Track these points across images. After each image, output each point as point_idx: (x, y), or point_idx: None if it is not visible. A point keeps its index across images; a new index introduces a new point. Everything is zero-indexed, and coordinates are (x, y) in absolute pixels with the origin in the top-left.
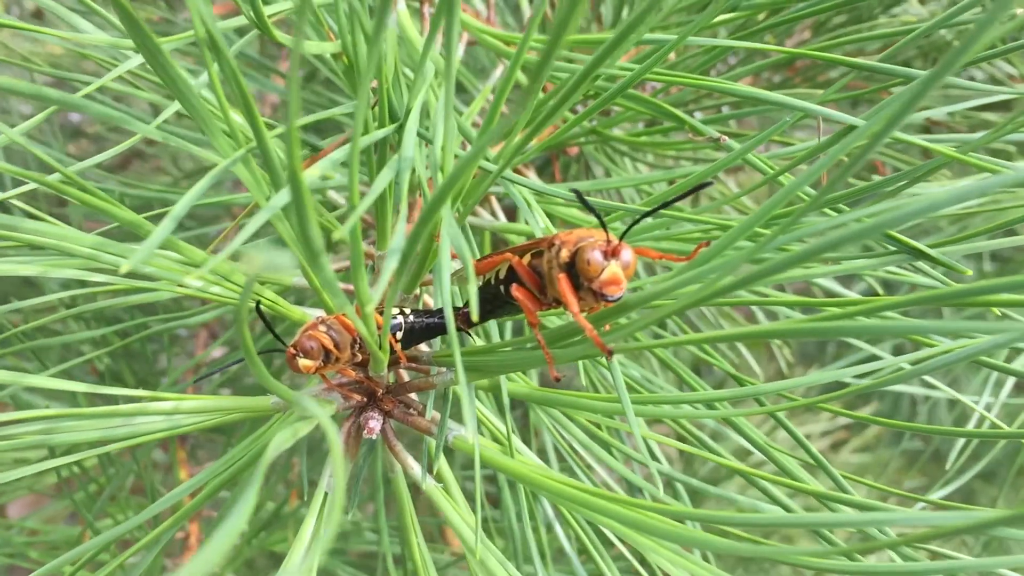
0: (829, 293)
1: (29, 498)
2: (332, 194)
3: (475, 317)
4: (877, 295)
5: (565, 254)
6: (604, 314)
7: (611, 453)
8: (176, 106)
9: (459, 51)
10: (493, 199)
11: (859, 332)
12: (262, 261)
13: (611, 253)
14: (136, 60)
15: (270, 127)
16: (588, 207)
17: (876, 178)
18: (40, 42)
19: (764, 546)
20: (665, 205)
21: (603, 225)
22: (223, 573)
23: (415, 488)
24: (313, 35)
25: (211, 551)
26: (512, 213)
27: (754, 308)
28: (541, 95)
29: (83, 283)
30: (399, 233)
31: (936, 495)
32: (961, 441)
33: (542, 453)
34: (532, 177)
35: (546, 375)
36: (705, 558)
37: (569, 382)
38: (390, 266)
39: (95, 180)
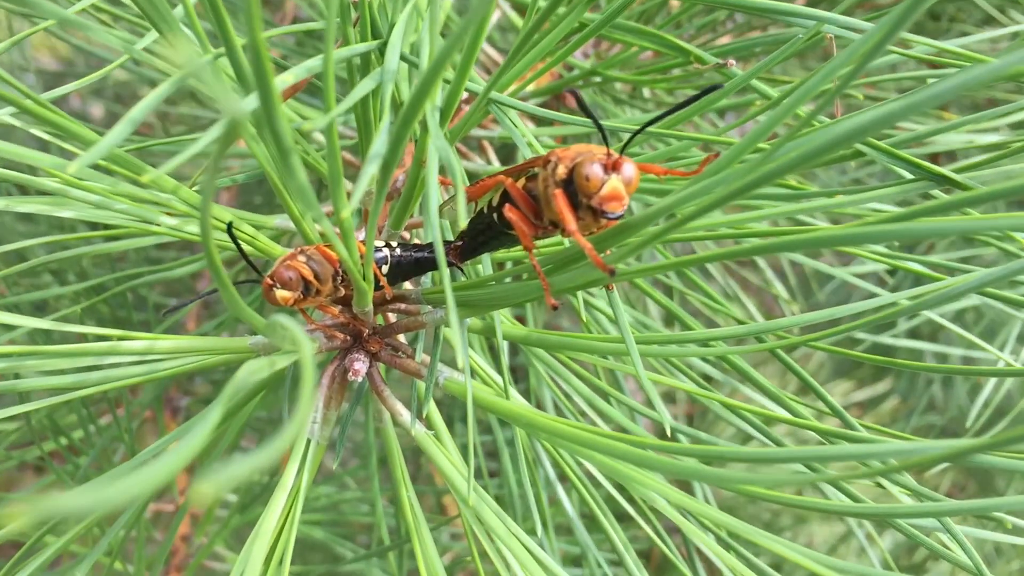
0: None
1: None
2: (319, 136)
3: (462, 223)
4: None
5: (562, 170)
6: (606, 236)
7: (610, 403)
8: (153, 35)
9: None
10: (488, 145)
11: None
12: (185, 47)
13: (612, 167)
14: None
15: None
16: (586, 112)
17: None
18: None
19: (738, 475)
20: (668, 114)
21: (603, 134)
22: (212, 544)
23: (415, 452)
24: None
25: (179, 454)
26: (508, 160)
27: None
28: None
29: (71, 228)
30: (380, 139)
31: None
32: (977, 407)
33: (538, 407)
34: (531, 128)
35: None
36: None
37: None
38: (368, 171)
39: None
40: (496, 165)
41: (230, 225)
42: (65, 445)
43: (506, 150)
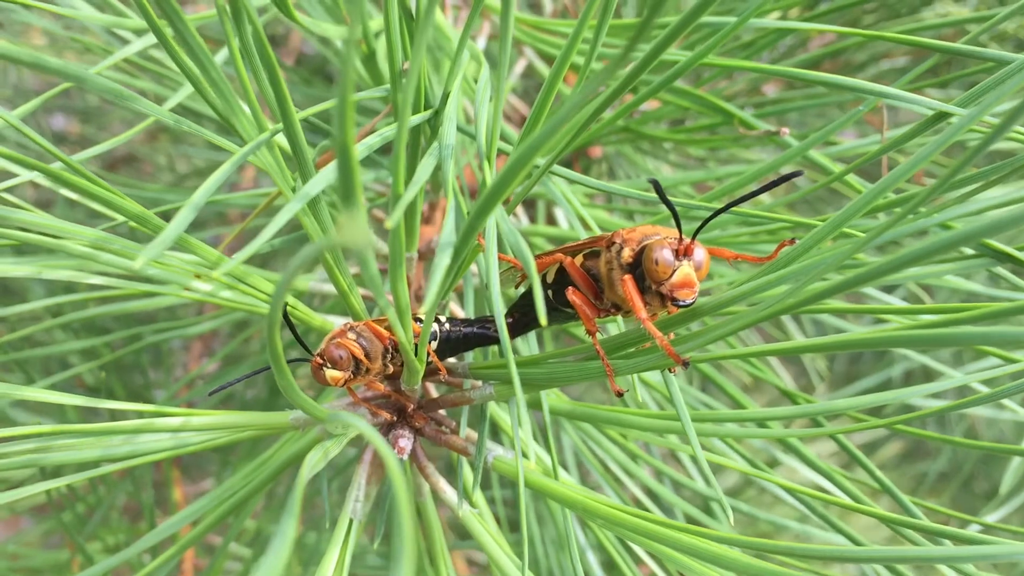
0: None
1: (6, 519)
2: None
3: (543, 321)
4: (921, 303)
5: (628, 254)
6: (671, 320)
7: (636, 463)
8: (188, 89)
9: (480, 44)
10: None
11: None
12: (353, 230)
13: (683, 252)
14: (136, 46)
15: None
16: (665, 201)
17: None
18: (24, 35)
19: None
20: (745, 199)
21: (677, 222)
22: None
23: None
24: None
25: None
26: (534, 214)
27: (783, 319)
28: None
29: (71, 289)
30: (448, 227)
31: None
32: (1016, 463)
33: (562, 467)
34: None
35: (570, 390)
36: None
37: (580, 395)
38: (442, 263)
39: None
40: (523, 221)
41: (286, 313)
42: (65, 492)
43: (529, 200)
